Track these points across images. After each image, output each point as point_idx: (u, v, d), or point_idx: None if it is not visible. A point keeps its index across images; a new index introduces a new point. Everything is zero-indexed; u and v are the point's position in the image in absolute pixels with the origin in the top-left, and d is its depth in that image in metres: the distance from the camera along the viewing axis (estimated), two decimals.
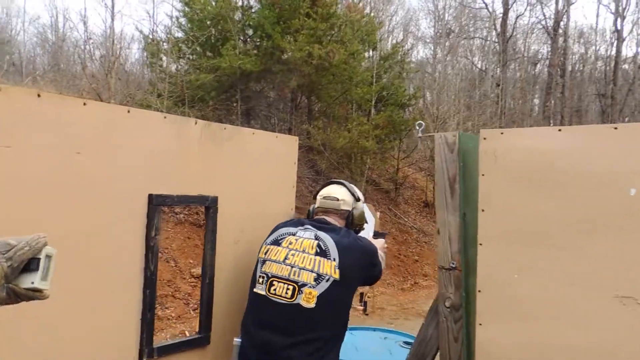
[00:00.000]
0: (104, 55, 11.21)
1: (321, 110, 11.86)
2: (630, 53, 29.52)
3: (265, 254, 2.07)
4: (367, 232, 2.38)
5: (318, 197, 2.27)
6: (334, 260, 1.95)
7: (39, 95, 1.56)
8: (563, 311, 1.72)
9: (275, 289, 1.95)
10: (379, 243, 2.26)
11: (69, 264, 1.56)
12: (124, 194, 1.76)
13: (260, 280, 2.01)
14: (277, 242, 2.08)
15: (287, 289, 1.93)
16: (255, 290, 2.02)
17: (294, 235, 2.08)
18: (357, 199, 2.26)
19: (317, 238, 2.03)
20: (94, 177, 1.68)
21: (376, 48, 13.04)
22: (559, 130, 1.77)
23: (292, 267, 1.97)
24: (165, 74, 9.91)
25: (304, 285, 1.92)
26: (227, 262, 2.13)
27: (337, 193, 2.22)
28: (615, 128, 1.68)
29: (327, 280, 1.92)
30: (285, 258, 2.00)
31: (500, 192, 1.85)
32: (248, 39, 11.54)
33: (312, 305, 1.90)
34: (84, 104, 1.67)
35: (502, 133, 1.87)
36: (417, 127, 2.13)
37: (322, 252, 1.98)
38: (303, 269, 1.95)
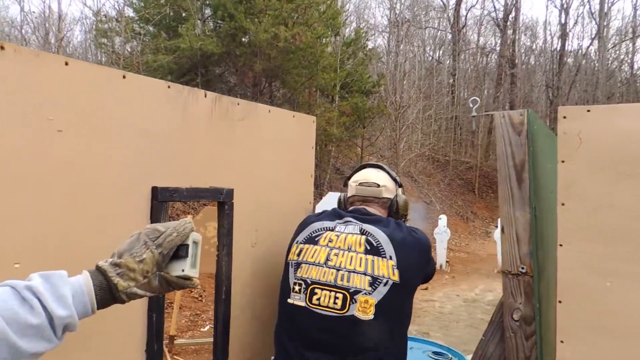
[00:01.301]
0: (47, 33, 10.23)
1: (285, 97, 11.39)
2: (574, 46, 30.61)
3: (299, 255, 1.66)
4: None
5: (351, 183, 1.87)
6: (391, 258, 1.58)
7: (1, 48, 1.09)
8: None
9: (319, 299, 1.56)
10: None
11: None
12: (119, 186, 1.32)
13: (297, 288, 1.60)
14: (312, 240, 1.67)
15: (336, 297, 1.54)
16: (290, 300, 1.61)
17: (332, 230, 1.68)
18: (399, 185, 1.89)
19: (363, 232, 1.64)
20: (79, 163, 1.23)
21: (339, 33, 12.66)
22: None
23: (337, 270, 1.58)
24: (118, 56, 9.15)
25: (357, 292, 1.54)
26: (243, 270, 1.71)
27: (377, 178, 1.84)
28: None
29: (385, 284, 1.54)
30: (327, 259, 1.60)
31: (586, 183, 1.53)
32: (207, 19, 10.88)
33: (370, 316, 1.51)
34: (66, 63, 1.20)
35: (588, 110, 1.54)
36: (471, 105, 1.77)
37: (374, 250, 1.59)
38: (353, 272, 1.56)
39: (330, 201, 6.46)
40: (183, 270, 0.91)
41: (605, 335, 1.50)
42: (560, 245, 1.57)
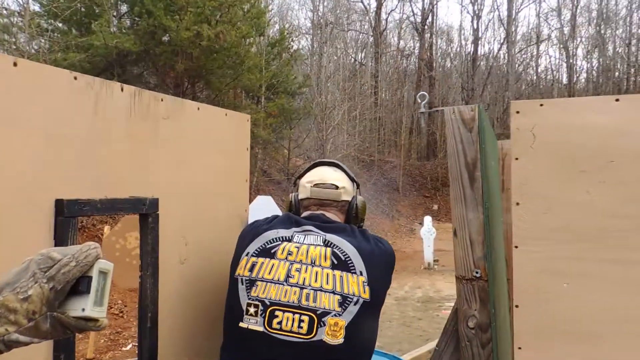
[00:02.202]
0: None
1: (209, 98, 10.99)
2: (486, 50, 32.33)
3: (252, 270, 1.43)
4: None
5: (305, 184, 1.65)
6: (361, 274, 1.40)
7: None
8: (630, 327, 1.38)
9: (280, 322, 1.35)
10: None
11: None
12: (12, 200, 1.06)
13: (252, 310, 1.38)
14: (267, 253, 1.45)
15: (301, 320, 1.34)
16: (243, 324, 1.37)
17: (290, 241, 1.46)
18: (357, 185, 1.72)
19: (328, 244, 1.45)
20: None
21: (264, 33, 12.45)
22: (617, 100, 1.42)
23: (301, 288, 1.38)
24: (22, 54, 8.36)
25: (325, 313, 1.35)
26: (173, 291, 1.48)
27: (335, 179, 1.64)
28: None
29: (356, 303, 1.37)
30: (288, 276, 1.39)
31: (541, 180, 1.46)
32: (123, 16, 10.26)
33: (339, 340, 1.33)
34: None
35: (541, 105, 1.48)
36: (419, 100, 1.66)
37: (342, 264, 1.41)
38: (320, 290, 1.37)
39: (260, 205, 6.22)
40: (83, 310, 0.72)
41: (565, 339, 1.44)
42: (516, 247, 1.49)
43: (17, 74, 1.07)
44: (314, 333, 1.33)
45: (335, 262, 1.41)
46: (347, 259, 1.42)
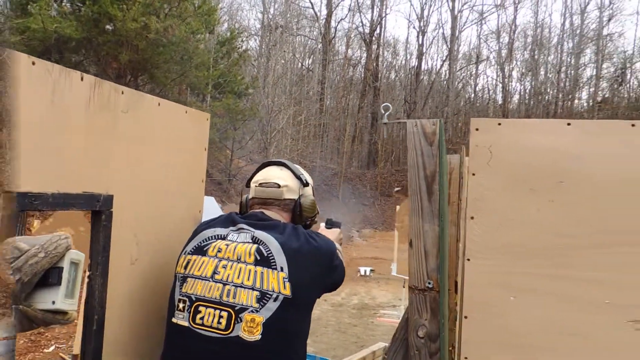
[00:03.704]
0: None
1: (153, 92, 10.65)
2: (429, 66, 33.42)
3: (186, 267, 1.45)
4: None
5: (252, 184, 1.69)
6: (282, 270, 1.41)
7: None
8: (572, 341, 1.46)
9: (202, 317, 1.37)
10: (334, 234, 1.78)
11: None
12: None
13: (181, 305, 1.40)
14: (200, 250, 1.47)
15: (220, 316, 1.36)
16: (174, 320, 1.40)
17: (223, 239, 1.49)
18: (305, 184, 1.72)
19: (255, 241, 1.46)
20: None
21: (214, 31, 12.24)
22: (568, 124, 1.50)
23: (224, 284, 1.39)
24: None
25: (243, 309, 1.36)
26: (120, 292, 1.42)
27: (278, 177, 1.66)
28: (633, 125, 1.46)
29: (275, 300, 1.38)
30: (214, 272, 1.41)
31: (495, 197, 1.52)
32: (63, 0, 9.75)
33: (256, 337, 1.35)
34: None
35: (499, 124, 1.54)
36: (383, 111, 1.68)
37: (264, 260, 1.42)
38: (240, 287, 1.38)
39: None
40: (54, 303, 0.69)
41: (510, 352, 1.50)
42: (468, 259, 1.54)
43: None
44: (231, 329, 1.35)
45: (259, 258, 1.42)
46: (269, 255, 1.43)
